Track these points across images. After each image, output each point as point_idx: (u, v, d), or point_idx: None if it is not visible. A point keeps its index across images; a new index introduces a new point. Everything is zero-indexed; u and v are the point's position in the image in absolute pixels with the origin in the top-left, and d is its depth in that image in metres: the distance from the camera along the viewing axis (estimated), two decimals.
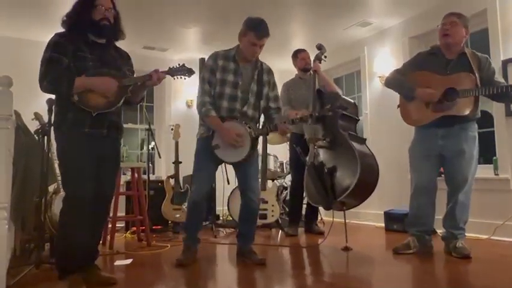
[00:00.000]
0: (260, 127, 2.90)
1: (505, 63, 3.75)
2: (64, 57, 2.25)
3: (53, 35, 2.31)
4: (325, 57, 3.88)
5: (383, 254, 3.32)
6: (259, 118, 2.92)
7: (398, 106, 3.08)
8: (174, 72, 2.48)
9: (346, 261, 2.99)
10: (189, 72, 2.51)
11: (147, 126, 4.64)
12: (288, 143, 4.36)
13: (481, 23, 4.10)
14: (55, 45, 2.27)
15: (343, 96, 3.91)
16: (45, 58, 2.26)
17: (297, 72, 4.34)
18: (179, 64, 2.52)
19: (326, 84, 4.03)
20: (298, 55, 4.29)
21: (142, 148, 6.01)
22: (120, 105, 2.35)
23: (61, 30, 2.37)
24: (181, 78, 2.52)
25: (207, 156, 2.80)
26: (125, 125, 2.58)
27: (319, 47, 3.88)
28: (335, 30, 5.14)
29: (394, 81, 3.09)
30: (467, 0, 4.10)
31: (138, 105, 5.73)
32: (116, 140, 2.46)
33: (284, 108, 3.81)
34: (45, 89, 2.24)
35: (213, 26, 4.90)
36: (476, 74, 2.79)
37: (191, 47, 5.62)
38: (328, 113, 2.86)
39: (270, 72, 2.97)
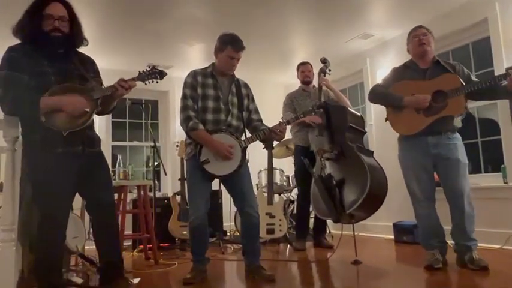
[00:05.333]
0: (246, 138, 2.86)
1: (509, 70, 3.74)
2: (22, 75, 2.09)
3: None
4: (330, 70, 3.93)
5: (394, 267, 3.27)
6: (243, 129, 2.93)
7: (387, 119, 3.05)
8: (144, 77, 2.39)
9: (356, 275, 2.94)
10: (161, 74, 2.44)
11: (152, 144, 4.65)
12: (293, 156, 4.35)
13: (482, 31, 4.11)
14: (10, 62, 2.11)
15: (351, 109, 3.89)
16: (1, 77, 2.09)
17: (300, 84, 4.37)
18: (149, 67, 2.42)
19: (338, 98, 4.06)
20: (299, 68, 4.36)
21: (148, 165, 6.03)
22: (91, 121, 2.23)
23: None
24: (153, 82, 2.42)
25: (199, 176, 2.76)
26: (130, 143, 2.57)
27: (323, 61, 3.92)
28: (337, 43, 5.17)
29: (378, 95, 3.09)
30: (468, 9, 4.13)
31: (143, 123, 5.80)
32: (95, 154, 2.34)
33: (287, 113, 3.94)
34: (5, 111, 2.12)
35: (215, 42, 4.94)
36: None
37: (194, 64, 5.63)
38: (311, 113, 3.05)
39: (247, 86, 3.04)
